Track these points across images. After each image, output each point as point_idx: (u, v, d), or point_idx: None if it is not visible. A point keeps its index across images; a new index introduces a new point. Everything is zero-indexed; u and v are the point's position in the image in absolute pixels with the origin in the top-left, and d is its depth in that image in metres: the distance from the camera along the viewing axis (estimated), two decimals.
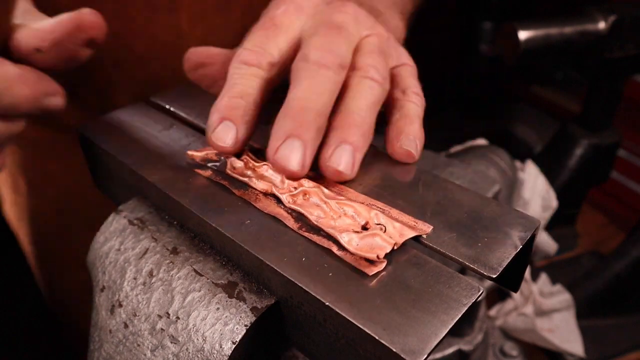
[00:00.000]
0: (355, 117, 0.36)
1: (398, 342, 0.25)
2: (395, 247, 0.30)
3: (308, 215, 0.33)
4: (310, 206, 0.33)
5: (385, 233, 0.31)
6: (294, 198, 0.34)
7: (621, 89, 0.95)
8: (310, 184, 0.34)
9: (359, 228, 0.32)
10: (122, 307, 0.35)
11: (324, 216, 0.33)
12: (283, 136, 0.34)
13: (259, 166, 0.36)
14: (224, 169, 0.37)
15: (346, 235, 0.31)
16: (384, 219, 0.32)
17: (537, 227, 0.32)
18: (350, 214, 0.33)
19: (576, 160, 0.99)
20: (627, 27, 0.82)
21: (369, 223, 0.32)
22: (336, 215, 0.32)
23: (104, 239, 0.38)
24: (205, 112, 0.39)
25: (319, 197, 0.33)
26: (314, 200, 0.34)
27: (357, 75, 0.37)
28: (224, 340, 0.31)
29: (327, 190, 0.34)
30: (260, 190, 0.35)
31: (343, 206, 0.33)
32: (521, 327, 0.82)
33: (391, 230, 0.31)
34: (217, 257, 0.35)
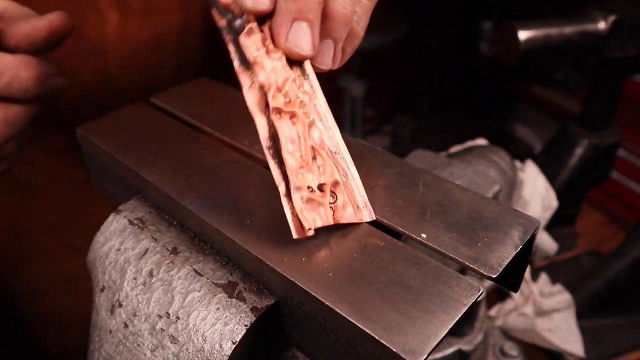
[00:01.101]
0: None
1: (398, 342, 0.25)
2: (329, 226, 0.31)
3: (281, 141, 0.31)
4: (288, 130, 0.32)
5: (333, 205, 0.32)
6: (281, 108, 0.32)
7: (621, 89, 0.95)
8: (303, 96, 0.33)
9: (314, 186, 0.32)
10: (122, 307, 0.35)
11: (292, 151, 0.32)
12: (290, 20, 0.32)
13: (275, 51, 0.33)
14: (240, 29, 0.33)
15: (298, 192, 0.31)
16: (340, 190, 0.32)
17: (537, 227, 0.32)
18: (318, 164, 0.32)
19: (576, 160, 0.99)
20: (627, 27, 0.82)
21: (325, 186, 0.32)
22: (303, 160, 0.32)
23: (104, 239, 0.38)
24: (205, 112, 0.39)
25: (302, 125, 0.32)
26: (293, 131, 0.32)
27: None
28: (224, 340, 0.31)
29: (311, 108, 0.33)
30: (258, 82, 0.32)
31: (316, 154, 0.32)
32: (521, 327, 0.82)
33: (339, 203, 0.32)
34: (217, 257, 0.35)
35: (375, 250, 0.31)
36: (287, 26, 0.32)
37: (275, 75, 0.32)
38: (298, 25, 0.32)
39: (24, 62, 0.39)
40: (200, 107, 0.45)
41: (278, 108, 0.32)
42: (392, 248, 0.31)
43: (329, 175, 0.32)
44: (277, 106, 0.32)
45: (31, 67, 0.39)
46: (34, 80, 0.39)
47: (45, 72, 0.40)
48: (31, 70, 0.39)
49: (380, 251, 0.31)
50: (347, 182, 0.33)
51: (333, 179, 0.32)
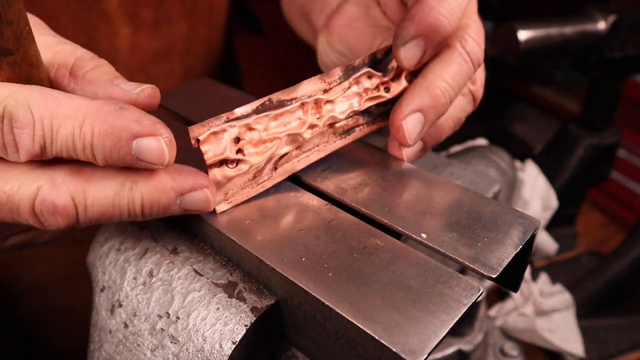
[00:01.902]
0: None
1: (398, 342, 0.25)
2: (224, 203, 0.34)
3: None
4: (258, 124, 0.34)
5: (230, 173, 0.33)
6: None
7: (621, 89, 0.95)
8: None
9: (251, 175, 0.34)
10: (122, 307, 0.35)
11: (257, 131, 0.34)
12: (415, 108, 0.36)
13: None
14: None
15: (218, 171, 0.33)
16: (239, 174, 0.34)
17: (537, 227, 0.32)
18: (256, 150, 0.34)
19: (576, 160, 0.99)
20: (627, 27, 0.82)
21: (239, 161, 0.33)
22: (258, 135, 0.34)
23: (104, 239, 0.38)
24: (205, 112, 0.39)
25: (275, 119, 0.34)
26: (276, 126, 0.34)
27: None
28: (224, 340, 0.31)
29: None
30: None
31: (267, 141, 0.34)
32: (521, 327, 0.82)
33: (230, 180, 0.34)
34: (217, 257, 0.34)
35: (375, 250, 0.31)
36: (410, 110, 0.36)
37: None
38: (419, 117, 0.36)
39: (97, 113, 0.28)
40: (200, 107, 0.45)
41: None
42: (392, 248, 0.31)
43: (249, 160, 0.33)
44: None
45: (107, 120, 0.28)
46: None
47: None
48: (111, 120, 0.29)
49: (380, 251, 0.31)
50: (252, 180, 0.35)
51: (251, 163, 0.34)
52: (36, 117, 0.28)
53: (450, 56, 0.37)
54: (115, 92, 0.33)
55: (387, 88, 0.39)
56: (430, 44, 0.35)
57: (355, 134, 0.39)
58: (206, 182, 0.31)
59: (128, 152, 0.28)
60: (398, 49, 0.36)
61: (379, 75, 0.38)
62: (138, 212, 0.30)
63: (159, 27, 0.59)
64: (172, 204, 0.30)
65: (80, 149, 0.28)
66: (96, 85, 0.33)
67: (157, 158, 0.29)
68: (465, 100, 0.41)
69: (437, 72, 0.36)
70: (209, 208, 0.32)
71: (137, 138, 0.28)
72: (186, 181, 0.30)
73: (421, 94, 0.36)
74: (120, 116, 0.28)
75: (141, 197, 0.29)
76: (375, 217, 0.33)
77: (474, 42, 0.38)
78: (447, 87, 0.36)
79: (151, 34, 0.59)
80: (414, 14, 0.35)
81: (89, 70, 0.33)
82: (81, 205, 0.29)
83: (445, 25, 0.35)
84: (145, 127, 0.28)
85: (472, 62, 0.38)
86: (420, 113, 0.36)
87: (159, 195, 0.30)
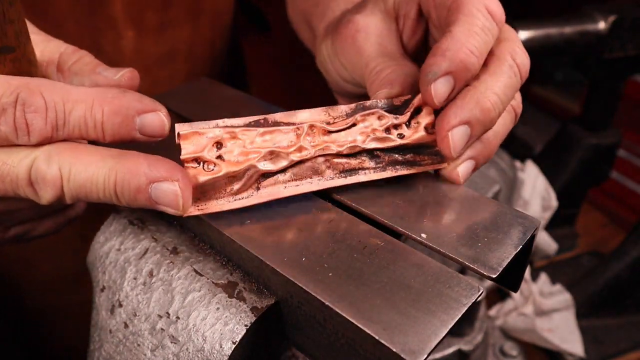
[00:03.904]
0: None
1: (398, 342, 0.25)
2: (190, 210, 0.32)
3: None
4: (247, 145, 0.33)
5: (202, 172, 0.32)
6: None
7: (621, 89, 0.95)
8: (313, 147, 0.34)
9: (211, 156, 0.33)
10: (122, 307, 0.35)
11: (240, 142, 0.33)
12: (464, 119, 0.34)
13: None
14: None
15: (189, 171, 0.32)
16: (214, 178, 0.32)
17: (537, 227, 0.32)
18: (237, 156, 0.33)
19: (576, 160, 0.99)
20: (627, 27, 0.82)
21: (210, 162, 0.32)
22: (242, 145, 0.33)
23: (104, 239, 0.38)
24: (204, 112, 0.39)
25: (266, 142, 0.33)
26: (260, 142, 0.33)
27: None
28: (224, 340, 0.31)
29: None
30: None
31: (244, 153, 0.33)
32: (521, 327, 0.82)
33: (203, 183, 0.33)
34: (217, 257, 0.35)
35: (375, 250, 0.31)
36: (456, 123, 0.34)
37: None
38: (465, 130, 0.34)
39: (103, 96, 0.32)
40: (200, 107, 0.45)
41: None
42: (392, 248, 0.31)
43: (226, 166, 0.32)
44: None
45: (113, 101, 0.32)
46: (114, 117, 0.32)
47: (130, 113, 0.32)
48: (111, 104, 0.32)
49: (380, 251, 0.31)
50: (223, 189, 0.33)
51: (226, 170, 0.32)
52: (49, 103, 0.31)
53: (500, 68, 0.35)
54: (99, 79, 0.36)
55: (400, 134, 0.36)
56: (459, 81, 0.34)
57: (359, 177, 0.35)
58: (179, 177, 0.31)
59: (133, 127, 0.32)
60: (428, 84, 0.34)
61: (390, 117, 0.36)
62: (112, 190, 0.31)
63: (163, 31, 0.60)
64: (143, 190, 0.31)
65: (92, 127, 0.32)
66: (81, 76, 0.37)
67: (159, 130, 0.33)
68: (509, 117, 0.39)
69: (488, 83, 0.34)
70: (177, 205, 0.31)
71: (141, 114, 0.32)
72: (159, 170, 0.31)
73: (471, 105, 0.34)
74: (124, 97, 0.32)
75: (115, 176, 0.31)
76: (375, 217, 0.33)
77: (523, 54, 0.36)
78: (497, 100, 0.34)
79: (156, 37, 0.59)
80: (445, 49, 0.33)
81: (72, 64, 0.37)
82: (65, 177, 0.31)
83: (474, 63, 0.33)
84: (146, 104, 0.32)
85: (520, 75, 0.36)
86: (468, 126, 0.34)
87: (131, 177, 0.30)
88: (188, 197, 0.31)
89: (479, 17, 0.34)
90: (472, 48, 0.33)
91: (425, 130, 0.36)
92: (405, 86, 0.37)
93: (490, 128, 0.35)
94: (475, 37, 0.34)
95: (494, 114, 0.34)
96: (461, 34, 0.33)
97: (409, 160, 0.36)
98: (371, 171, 0.36)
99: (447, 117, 0.34)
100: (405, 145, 0.36)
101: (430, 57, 0.34)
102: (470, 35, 0.33)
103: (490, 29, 0.34)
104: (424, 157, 0.36)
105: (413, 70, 0.38)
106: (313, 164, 0.34)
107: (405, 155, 0.36)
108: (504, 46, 0.36)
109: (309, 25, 0.58)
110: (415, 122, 0.36)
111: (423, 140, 0.36)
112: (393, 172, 0.36)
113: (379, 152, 0.36)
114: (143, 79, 0.61)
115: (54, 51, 0.37)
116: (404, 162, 0.36)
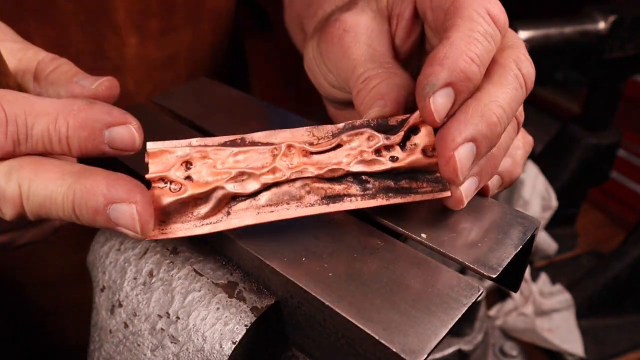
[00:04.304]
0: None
1: (398, 342, 0.25)
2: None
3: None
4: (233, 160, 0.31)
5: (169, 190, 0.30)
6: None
7: (621, 89, 0.95)
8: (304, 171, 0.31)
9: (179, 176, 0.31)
10: (122, 307, 0.35)
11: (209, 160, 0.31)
12: (469, 136, 0.29)
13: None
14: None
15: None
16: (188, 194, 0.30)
17: (537, 227, 0.32)
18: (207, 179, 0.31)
19: (576, 160, 0.99)
20: (627, 27, 0.82)
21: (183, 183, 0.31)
22: (211, 166, 0.31)
23: (104, 239, 0.38)
24: (204, 111, 0.39)
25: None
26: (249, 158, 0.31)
27: None
28: (224, 340, 0.31)
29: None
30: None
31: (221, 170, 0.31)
32: (521, 327, 0.82)
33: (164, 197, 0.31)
34: (217, 257, 0.35)
35: (375, 250, 0.31)
36: (459, 143, 0.29)
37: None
38: (471, 148, 0.30)
39: (69, 109, 0.30)
40: (199, 107, 0.45)
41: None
42: (392, 248, 0.31)
43: (192, 187, 0.30)
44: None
45: (79, 114, 0.30)
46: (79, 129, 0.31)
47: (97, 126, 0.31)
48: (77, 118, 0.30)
49: (380, 251, 0.31)
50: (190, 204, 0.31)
51: (191, 192, 0.30)
52: (9, 115, 0.29)
53: (505, 78, 0.31)
54: (75, 90, 0.35)
55: (393, 157, 0.32)
56: (460, 94, 0.30)
57: (344, 205, 0.31)
58: (137, 198, 0.28)
59: (101, 141, 0.30)
60: (426, 99, 0.29)
61: (381, 137, 0.32)
62: (70, 210, 0.29)
63: (165, 36, 0.60)
64: (100, 212, 0.29)
65: (57, 141, 0.30)
66: (58, 85, 0.35)
67: (129, 144, 0.31)
68: (512, 127, 0.35)
69: (492, 95, 0.30)
70: (134, 228, 0.29)
71: (110, 127, 0.30)
72: (117, 191, 0.29)
73: (475, 120, 0.29)
74: (92, 109, 0.30)
75: (73, 195, 0.29)
76: (375, 217, 0.33)
77: (529, 63, 0.33)
78: (502, 114, 0.30)
79: (157, 43, 0.60)
80: (442, 57, 0.29)
81: (50, 73, 0.35)
82: (25, 195, 0.30)
83: (476, 72, 0.30)
84: (115, 117, 0.30)
85: (526, 87, 0.32)
86: (473, 143, 0.29)
87: (89, 197, 0.29)
88: (147, 221, 0.29)
89: (480, 22, 0.31)
90: (473, 56, 0.30)
91: (423, 153, 0.32)
92: (400, 101, 0.34)
93: (495, 144, 0.31)
94: (476, 43, 0.30)
95: (500, 129, 0.30)
96: (460, 41, 0.30)
97: (404, 187, 0.32)
98: (358, 198, 0.32)
99: (450, 135, 0.29)
100: (397, 169, 0.32)
101: (426, 67, 0.30)
102: (471, 42, 0.30)
103: (492, 35, 0.31)
104: (421, 183, 0.32)
105: (405, 81, 0.35)
106: (290, 188, 0.31)
107: (400, 182, 0.32)
108: (508, 53, 0.33)
109: (302, 29, 0.57)
110: (411, 144, 0.32)
111: (419, 164, 0.32)
112: (384, 200, 0.32)
113: (368, 176, 0.32)
114: (145, 83, 0.61)
115: (32, 59, 0.36)
116: (398, 189, 0.32)
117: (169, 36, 0.60)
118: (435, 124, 0.30)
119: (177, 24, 0.60)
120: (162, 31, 0.59)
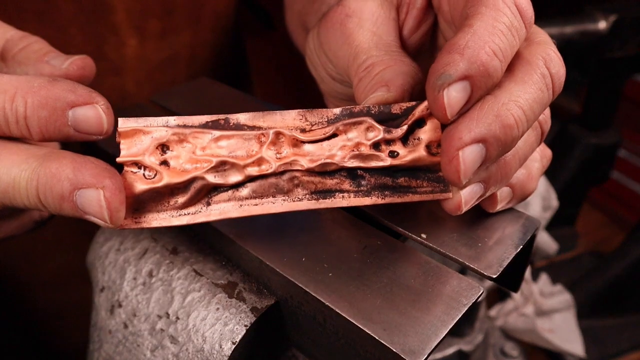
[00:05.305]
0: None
1: (398, 342, 0.25)
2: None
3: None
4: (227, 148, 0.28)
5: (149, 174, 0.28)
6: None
7: (621, 89, 0.95)
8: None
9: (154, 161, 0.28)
10: (121, 307, 0.35)
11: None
12: (479, 136, 0.26)
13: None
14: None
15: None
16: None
17: (537, 227, 0.32)
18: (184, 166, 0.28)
19: (576, 160, 0.99)
20: (627, 27, 0.82)
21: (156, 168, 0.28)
22: (192, 150, 0.28)
23: (103, 239, 0.38)
24: (207, 111, 0.39)
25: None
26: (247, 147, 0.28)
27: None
28: (224, 340, 0.31)
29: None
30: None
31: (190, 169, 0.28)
32: (521, 328, 0.82)
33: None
34: (217, 257, 0.34)
35: (375, 250, 0.31)
36: (467, 142, 0.26)
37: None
38: (480, 149, 0.26)
39: (28, 86, 0.27)
40: (199, 107, 0.45)
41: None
42: (392, 248, 0.31)
43: (168, 176, 0.28)
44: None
45: (39, 92, 0.27)
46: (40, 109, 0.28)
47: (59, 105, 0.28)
48: (38, 96, 0.27)
49: (380, 251, 0.31)
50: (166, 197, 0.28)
51: (165, 181, 0.28)
52: None
53: (530, 76, 0.28)
54: (44, 69, 0.32)
55: (393, 152, 0.29)
56: (477, 90, 0.26)
57: (335, 201, 0.29)
58: (105, 183, 0.26)
59: (64, 122, 0.27)
60: (440, 90, 0.26)
61: (381, 130, 0.29)
62: (34, 197, 0.27)
63: (165, 37, 0.60)
64: (67, 198, 0.26)
65: (14, 121, 0.27)
66: (26, 65, 0.32)
67: (95, 127, 0.28)
68: (534, 135, 0.31)
69: (513, 93, 0.27)
70: (102, 216, 0.26)
71: (73, 107, 0.27)
72: (84, 175, 0.26)
73: (489, 119, 0.26)
74: (54, 87, 0.27)
75: (37, 181, 0.26)
76: (375, 217, 0.33)
77: (559, 62, 0.29)
78: (521, 116, 0.27)
79: (158, 44, 0.60)
80: (463, 46, 0.26)
81: (18, 51, 0.33)
82: None
83: (497, 68, 0.26)
84: (80, 95, 0.27)
85: (553, 89, 0.28)
86: (483, 145, 0.26)
87: (53, 183, 0.26)
88: (116, 208, 0.26)
89: (506, 12, 0.27)
90: (496, 49, 0.26)
91: (427, 150, 0.29)
92: (405, 89, 0.30)
93: (509, 150, 0.28)
94: (501, 36, 0.26)
95: (516, 133, 0.27)
96: (484, 30, 0.26)
97: (402, 186, 0.29)
98: (351, 195, 0.29)
99: (458, 132, 0.26)
100: (397, 166, 0.29)
101: (443, 55, 0.26)
102: (495, 33, 0.26)
103: (518, 28, 0.27)
104: (421, 182, 0.30)
105: (413, 70, 0.31)
106: (278, 180, 0.28)
107: (397, 179, 0.29)
108: (536, 49, 0.29)
109: (304, 27, 0.56)
110: (414, 139, 0.29)
111: (421, 163, 0.29)
112: (379, 199, 0.29)
113: (363, 171, 0.29)
114: (145, 84, 0.61)
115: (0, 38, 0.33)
116: (395, 187, 0.29)
117: (169, 37, 0.60)
118: (445, 120, 0.27)
119: (177, 25, 0.60)
120: (162, 32, 0.59)
